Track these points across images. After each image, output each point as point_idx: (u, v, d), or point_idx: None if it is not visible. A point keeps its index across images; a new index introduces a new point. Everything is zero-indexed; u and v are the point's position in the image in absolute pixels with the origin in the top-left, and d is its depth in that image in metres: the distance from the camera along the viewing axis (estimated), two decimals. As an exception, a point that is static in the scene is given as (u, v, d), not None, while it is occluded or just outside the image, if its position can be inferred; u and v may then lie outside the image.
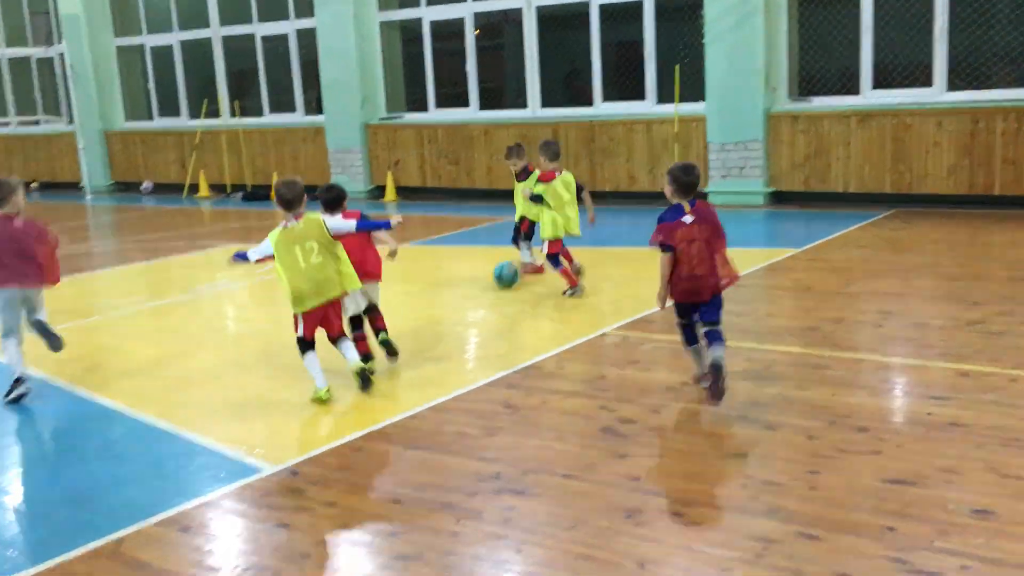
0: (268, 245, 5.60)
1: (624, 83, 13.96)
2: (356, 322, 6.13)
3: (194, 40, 17.96)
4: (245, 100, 17.51)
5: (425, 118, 15.49)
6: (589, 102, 14.11)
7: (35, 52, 20.01)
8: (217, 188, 17.52)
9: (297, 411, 5.48)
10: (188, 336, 7.49)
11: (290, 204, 5.59)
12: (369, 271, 6.02)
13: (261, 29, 16.98)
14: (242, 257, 5.68)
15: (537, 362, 6.14)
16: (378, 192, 15.81)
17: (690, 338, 5.40)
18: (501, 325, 7.46)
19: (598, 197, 13.74)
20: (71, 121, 19.26)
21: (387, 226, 5.74)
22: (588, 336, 6.71)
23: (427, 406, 5.39)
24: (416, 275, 9.43)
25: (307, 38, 16.44)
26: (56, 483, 4.68)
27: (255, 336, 7.38)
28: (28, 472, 4.86)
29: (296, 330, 5.68)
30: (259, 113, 17.35)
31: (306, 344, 5.67)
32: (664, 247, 5.16)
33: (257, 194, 16.54)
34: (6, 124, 20.77)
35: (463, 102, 15.22)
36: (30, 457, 5.08)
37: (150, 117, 19.03)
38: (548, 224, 8.10)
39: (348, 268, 5.61)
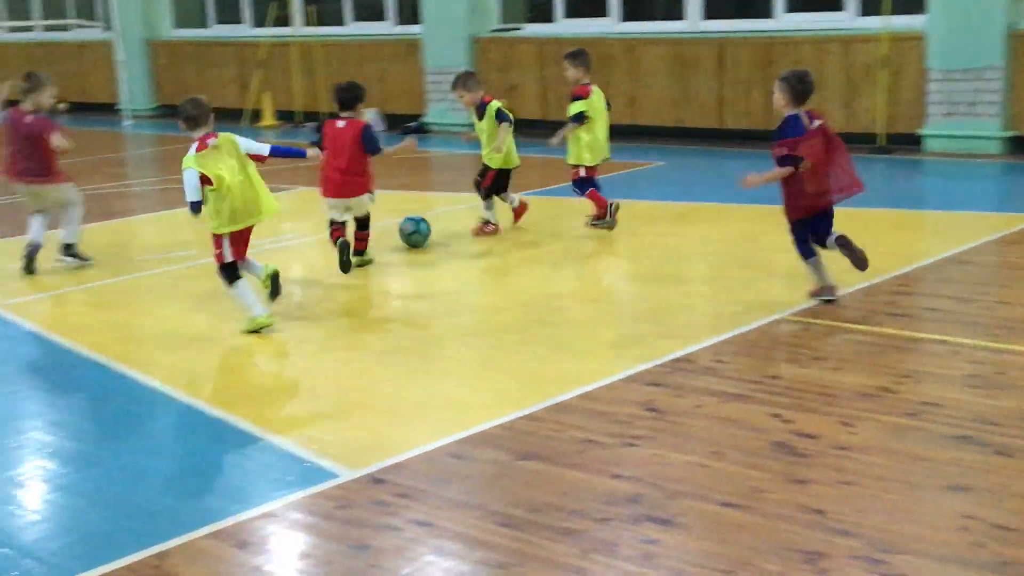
0: (192, 175, 6.62)
1: (815, -12, 13.67)
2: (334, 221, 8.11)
3: (261, -74, 18.38)
4: (322, 4, 17.83)
5: (550, 31, 15.49)
6: (766, 13, 13.86)
7: (67, -60, 20.81)
8: (285, 115, 17.93)
9: (382, 403, 5.60)
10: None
11: (196, 121, 6.83)
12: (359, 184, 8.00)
13: (345, -87, 17.24)
14: (195, 206, 6.68)
15: (689, 353, 6.12)
16: (486, 125, 15.88)
17: (808, 251, 6.85)
18: (641, 303, 7.44)
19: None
20: (108, 27, 19.97)
21: (302, 154, 7.25)
22: (756, 322, 6.64)
23: (545, 404, 5.43)
24: (529, 234, 9.47)
25: (403, -74, 16.62)
26: (88, 480, 4.90)
27: (332, 311, 7.55)
28: (54, 466, 5.10)
29: (221, 257, 6.81)
30: (339, 21, 17.65)
31: (235, 270, 6.83)
32: (792, 160, 6.52)
33: (333, 124, 16.86)
34: (29, 29, 21.66)
35: (599, 10, 15.14)
36: (58, 447, 5.34)
37: (204, 24, 19.57)
38: (585, 149, 9.09)
39: (264, 191, 6.78)
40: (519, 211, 9.74)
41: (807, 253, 6.90)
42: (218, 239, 6.79)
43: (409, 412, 5.49)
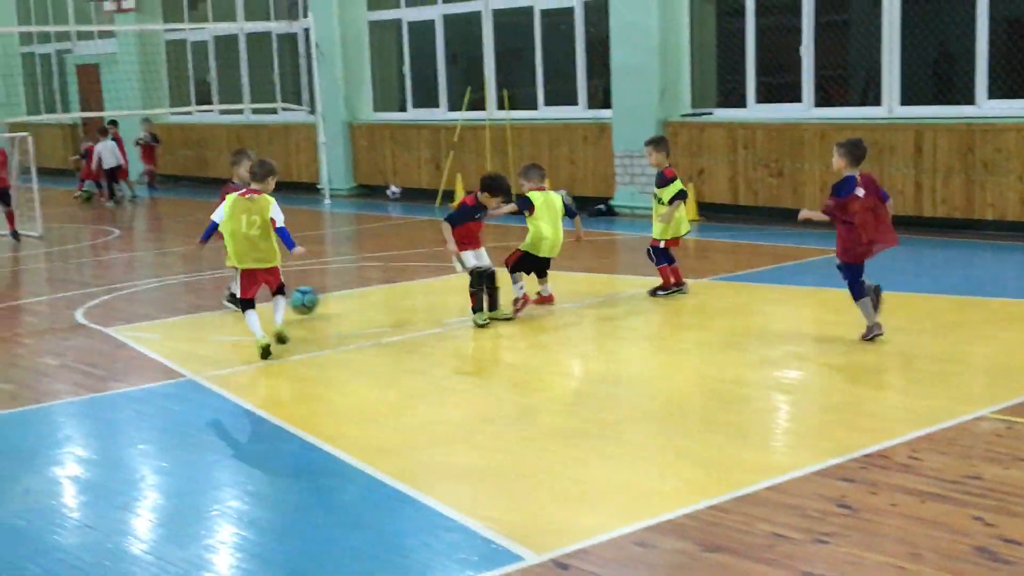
0: (223, 206, 8.56)
1: (1018, 73, 13.22)
2: (476, 278, 9.26)
3: (460, 14, 18.94)
4: (516, 89, 18.22)
5: (741, 116, 15.43)
6: (967, 99, 13.48)
7: (277, 27, 21.86)
8: (475, 196, 18.27)
9: (564, 486, 5.59)
10: (434, 380, 7.84)
11: (256, 178, 8.67)
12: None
13: (541, 1, 17.62)
14: (212, 227, 8.60)
15: (884, 449, 5.91)
16: (674, 209, 15.85)
17: (862, 292, 8.13)
18: (831, 394, 7.24)
19: (976, 226, 13.09)
20: (312, 111, 20.83)
21: (290, 246, 8.51)
22: (956, 419, 6.37)
23: (732, 495, 5.32)
24: (714, 319, 9.37)
25: (596, 13, 16.88)
26: (281, 551, 5.02)
27: (512, 387, 7.60)
28: (250, 535, 5.25)
29: (239, 291, 8.67)
30: (532, 105, 17.99)
31: (247, 303, 8.63)
32: (832, 214, 8.07)
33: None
34: (239, 112, 22.78)
35: (793, 95, 15.01)
36: (254, 516, 5.50)
37: (403, 108, 20.23)
38: (684, 221, 10.36)
39: (275, 246, 8.59)
40: (547, 299, 10.18)
41: (861, 294, 8.16)
42: (239, 272, 8.70)
43: (593, 496, 5.45)
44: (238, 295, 8.83)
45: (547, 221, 9.81)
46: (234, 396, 7.48)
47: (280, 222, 8.51)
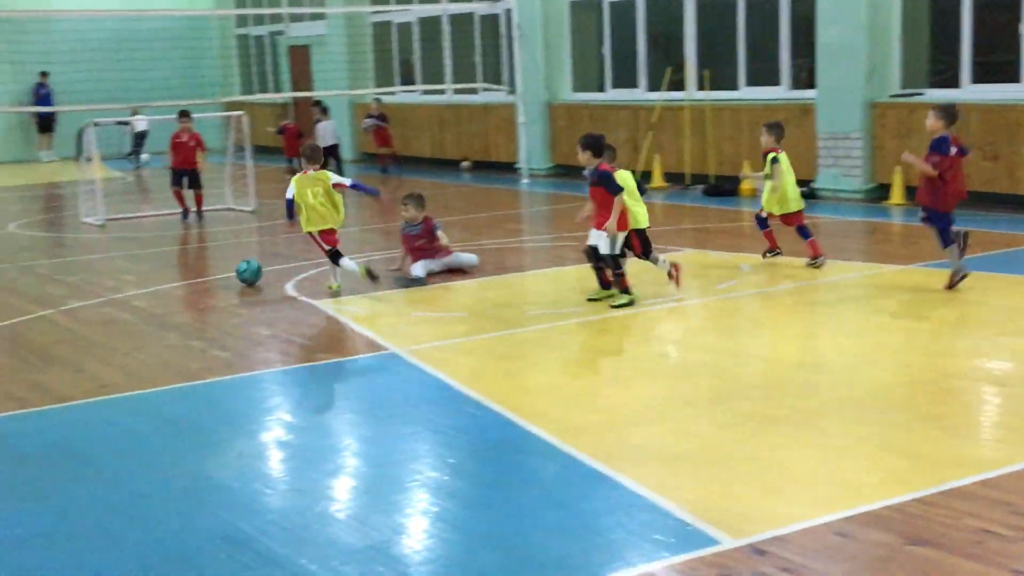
0: (292, 185, 10.39)
1: None
2: (616, 260, 9.29)
3: (661, -6, 18.80)
4: (717, 69, 17.97)
5: (954, 96, 14.81)
6: None
7: (479, 7, 22.14)
8: (673, 178, 18.16)
9: (761, 472, 5.52)
10: (629, 361, 7.85)
11: (311, 160, 10.47)
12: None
13: (744, -20, 17.32)
14: (290, 204, 10.41)
15: (1104, 447, 5.61)
16: (880, 192, 15.39)
17: (950, 239, 9.17)
18: (1050, 389, 6.92)
19: None
20: (512, 91, 21.05)
21: (376, 193, 11.02)
22: None
23: (939, 489, 5.15)
24: (921, 307, 9.06)
25: (802, -10, 16.49)
26: (480, 522, 5.14)
27: (710, 370, 7.54)
28: (449, 505, 5.38)
29: (326, 245, 10.42)
30: (733, 86, 17.71)
31: (335, 254, 10.41)
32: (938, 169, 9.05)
33: (722, 188, 16.88)
34: (442, 92, 23.20)
35: (1010, 75, 14.32)
36: (452, 488, 5.63)
37: (601, 88, 20.22)
38: (776, 199, 10.88)
39: (340, 210, 10.41)
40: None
41: (949, 241, 9.19)
42: (312, 236, 10.42)
43: (791, 484, 5.37)
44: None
45: (634, 198, 9.77)
46: (435, 370, 7.65)
47: (349, 183, 10.51)
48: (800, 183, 16.55)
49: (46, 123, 27.41)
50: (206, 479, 5.82)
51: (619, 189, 9.22)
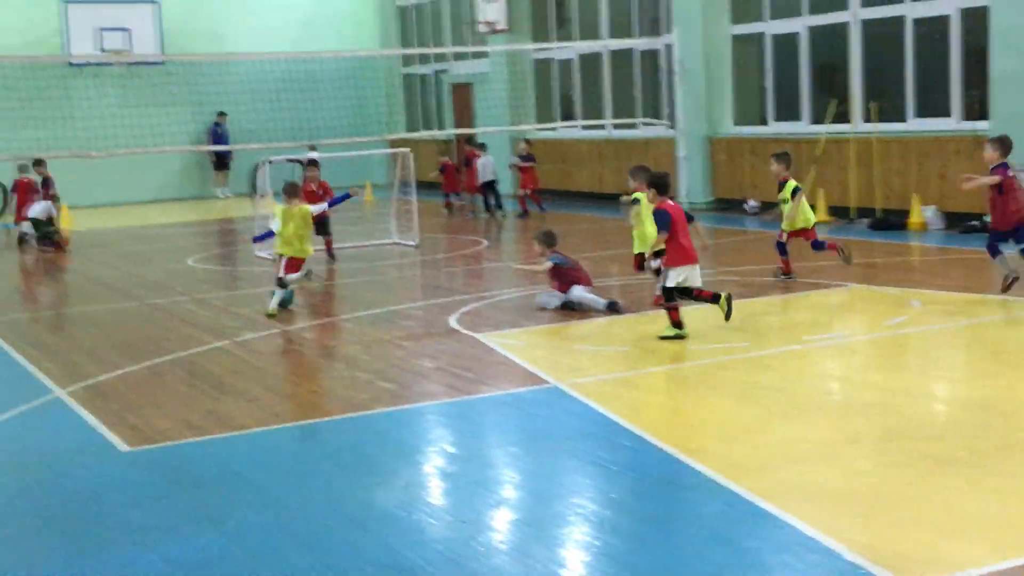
0: (278, 218, 11.77)
1: None
2: (673, 294, 9.48)
3: (826, 25, 18.50)
4: (883, 101, 17.57)
5: None
6: None
7: (640, 43, 22.18)
8: (838, 212, 17.78)
9: (933, 514, 5.35)
10: (794, 397, 7.71)
11: (290, 195, 11.84)
12: (692, 254, 9.60)
13: (914, 10, 16.92)
14: (268, 233, 12.05)
15: None
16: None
17: (998, 251, 10.43)
18: None
19: None
20: (672, 125, 20.99)
21: (347, 196, 13.15)
22: None
23: (1126, 537, 4.91)
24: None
25: (974, 20, 16.01)
26: (642, 559, 5.12)
27: (878, 408, 7.35)
28: (611, 540, 5.37)
29: (279, 272, 11.72)
30: (901, 117, 17.29)
31: (283, 282, 11.65)
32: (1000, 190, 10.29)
33: (889, 222, 16.45)
34: (601, 127, 23.28)
35: None
36: (612, 522, 5.62)
37: (763, 121, 20.00)
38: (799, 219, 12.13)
39: (308, 244, 11.94)
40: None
41: (997, 252, 10.50)
42: (281, 258, 11.82)
43: (966, 527, 5.19)
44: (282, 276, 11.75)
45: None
46: (596, 404, 7.65)
47: (325, 206, 13.05)
48: (970, 217, 16.19)
49: (222, 161, 28.45)
50: (374, 508, 5.94)
51: (664, 227, 9.56)
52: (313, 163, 16.49)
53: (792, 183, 12.29)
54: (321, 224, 16.03)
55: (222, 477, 6.61)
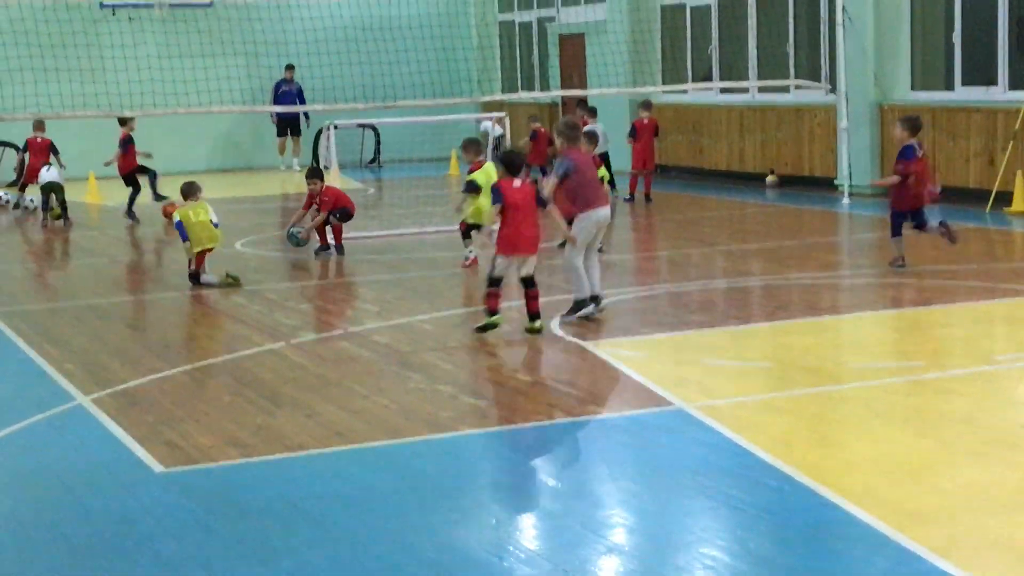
0: (179, 221, 13.41)
1: None
2: (495, 281, 10.49)
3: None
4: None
5: None
6: None
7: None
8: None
9: None
10: (981, 431, 7.58)
11: (186, 196, 13.57)
12: (523, 244, 10.54)
13: None
14: (179, 228, 13.40)
15: None
16: None
17: (899, 232, 12.99)
18: None
19: None
20: (832, 89, 20.72)
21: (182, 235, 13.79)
22: None
23: None
24: None
25: None
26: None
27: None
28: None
29: (191, 267, 13.33)
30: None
31: (197, 278, 13.28)
32: (904, 176, 12.76)
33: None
34: (744, 90, 23.10)
35: None
36: (737, 570, 5.58)
37: (949, 86, 19.66)
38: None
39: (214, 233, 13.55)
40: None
41: (898, 233, 12.93)
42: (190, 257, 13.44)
43: None
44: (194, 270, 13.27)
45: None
46: (731, 432, 7.61)
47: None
48: None
49: (286, 125, 27.95)
50: (456, 550, 5.98)
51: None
52: (317, 173, 16.03)
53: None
54: (344, 213, 15.72)
55: (274, 507, 6.70)
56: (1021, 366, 9.03)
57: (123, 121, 20.01)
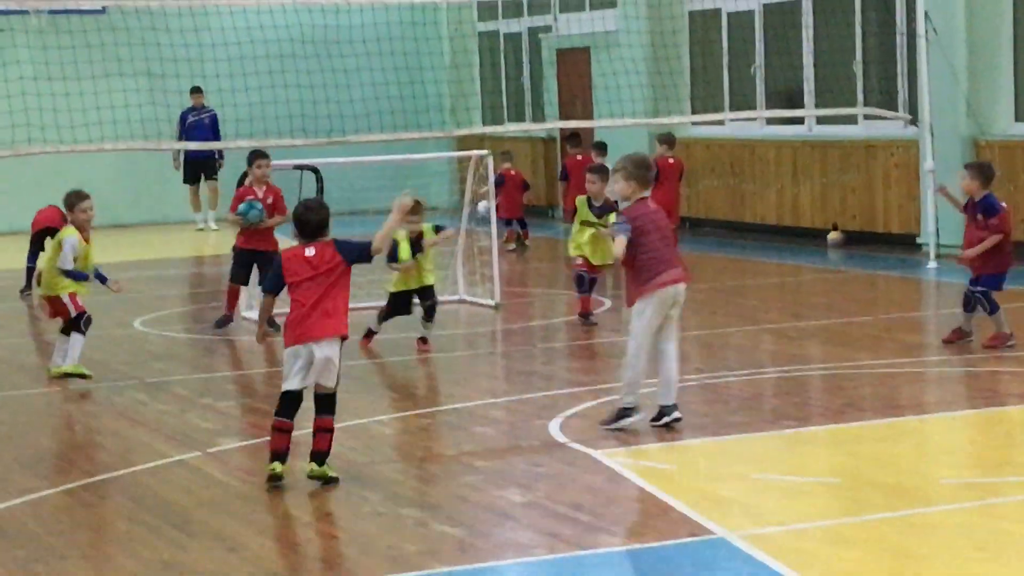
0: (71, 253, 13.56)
1: None
2: (287, 403, 9.76)
3: None
4: None
5: None
6: None
7: None
8: None
9: None
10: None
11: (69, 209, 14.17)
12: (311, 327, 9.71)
13: None
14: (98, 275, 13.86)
15: None
16: None
17: (997, 305, 13.48)
18: None
19: None
20: (914, 121, 20.77)
21: (82, 277, 13.62)
22: None
23: None
24: None
25: None
26: None
27: None
28: None
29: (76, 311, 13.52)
30: None
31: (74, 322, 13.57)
32: (1005, 233, 13.49)
33: None
34: (798, 121, 23.15)
35: None
36: None
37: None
38: None
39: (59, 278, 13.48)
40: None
41: (996, 308, 13.35)
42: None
43: None
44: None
45: None
46: (788, 569, 7.57)
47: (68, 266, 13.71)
48: None
49: (198, 168, 27.75)
50: None
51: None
52: (261, 155, 16.25)
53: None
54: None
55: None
56: None
57: None
